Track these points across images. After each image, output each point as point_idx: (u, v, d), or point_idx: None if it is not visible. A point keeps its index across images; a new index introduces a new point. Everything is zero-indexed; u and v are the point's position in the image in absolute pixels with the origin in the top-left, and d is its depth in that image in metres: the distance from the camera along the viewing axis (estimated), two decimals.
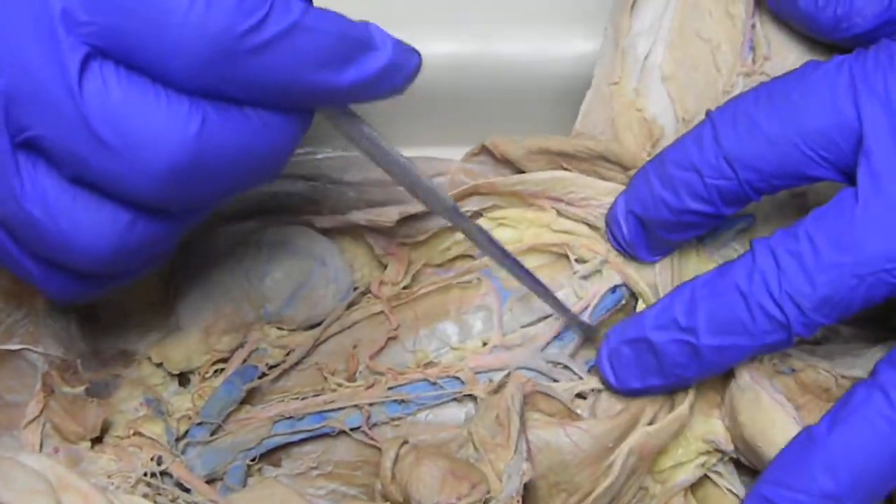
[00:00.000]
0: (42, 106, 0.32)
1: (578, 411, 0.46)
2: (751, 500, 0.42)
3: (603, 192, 0.47)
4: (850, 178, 0.41)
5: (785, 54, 0.47)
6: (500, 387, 0.46)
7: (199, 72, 0.32)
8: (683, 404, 0.44)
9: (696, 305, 0.42)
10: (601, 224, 0.47)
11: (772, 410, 0.43)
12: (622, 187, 0.46)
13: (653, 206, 0.44)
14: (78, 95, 0.32)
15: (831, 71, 0.41)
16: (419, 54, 0.37)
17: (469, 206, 0.47)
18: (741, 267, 0.41)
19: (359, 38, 0.35)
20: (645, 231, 0.45)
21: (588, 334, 0.47)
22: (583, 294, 0.47)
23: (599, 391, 0.46)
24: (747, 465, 0.45)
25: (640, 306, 0.47)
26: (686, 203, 0.43)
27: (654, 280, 0.46)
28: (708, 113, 0.43)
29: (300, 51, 0.33)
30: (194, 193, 0.34)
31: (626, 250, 0.46)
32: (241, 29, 0.31)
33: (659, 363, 0.44)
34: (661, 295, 0.46)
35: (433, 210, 0.41)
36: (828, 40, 0.46)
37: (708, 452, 0.45)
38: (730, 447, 0.45)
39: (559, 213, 0.47)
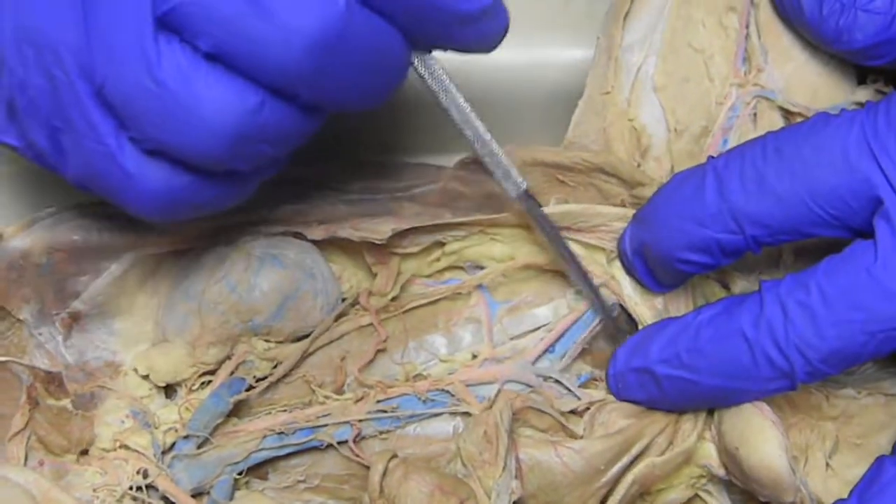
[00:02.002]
0: None
1: (572, 427, 0.45)
2: None
3: (613, 218, 0.46)
4: (858, 236, 0.40)
5: (784, 63, 0.46)
6: (493, 403, 0.45)
7: None
8: (691, 437, 0.44)
9: (700, 345, 0.42)
10: (606, 246, 0.46)
11: (749, 413, 0.43)
12: (630, 211, 0.45)
13: (652, 254, 0.44)
14: None
15: (842, 127, 0.40)
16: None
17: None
18: (748, 312, 0.41)
19: None
20: (649, 270, 0.45)
21: (608, 328, 0.46)
22: (575, 307, 0.47)
23: (596, 405, 0.46)
24: (738, 484, 0.45)
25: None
26: (685, 255, 0.42)
27: (665, 305, 0.46)
28: (710, 160, 0.42)
29: None
30: (331, 76, 0.36)
31: (643, 285, 0.46)
32: None
33: (662, 393, 0.43)
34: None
35: (488, 168, 0.43)
36: (829, 51, 0.46)
37: (700, 476, 0.45)
38: (721, 471, 0.44)
39: None
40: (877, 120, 0.40)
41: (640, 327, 0.46)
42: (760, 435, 0.42)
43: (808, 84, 0.46)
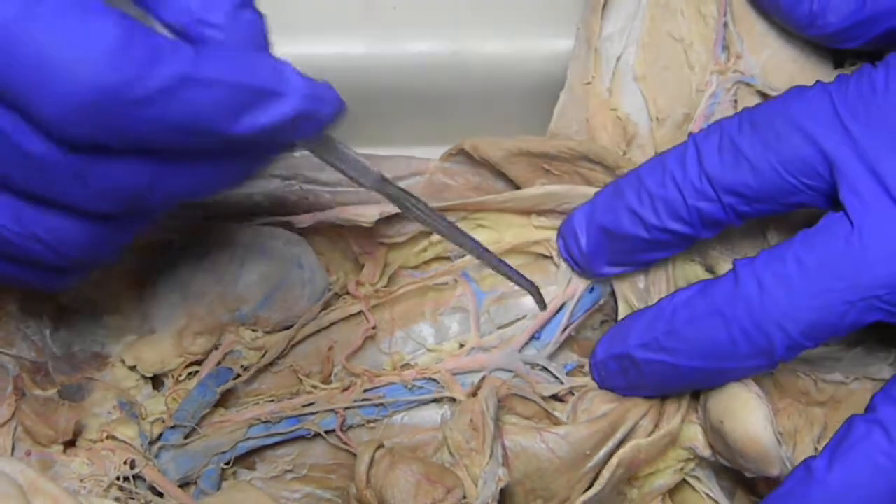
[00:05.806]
0: None
1: (557, 414, 0.45)
2: None
3: None
4: (835, 205, 0.40)
5: (759, 51, 0.47)
6: (477, 390, 0.45)
7: (76, 120, 0.30)
8: (676, 418, 0.44)
9: (676, 327, 0.42)
10: None
11: (734, 387, 0.43)
12: None
13: (628, 222, 0.43)
14: None
15: (814, 99, 0.40)
16: (340, 104, 0.35)
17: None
18: (722, 290, 0.41)
19: (258, 86, 0.32)
20: (609, 244, 0.44)
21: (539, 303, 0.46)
22: (561, 295, 0.47)
23: (579, 391, 0.46)
24: (725, 465, 0.44)
25: (622, 308, 0.46)
26: (665, 222, 0.42)
27: (646, 285, 0.46)
28: (691, 135, 0.43)
29: (188, 102, 0.31)
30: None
31: (579, 264, 0.46)
32: (120, 80, 0.30)
33: (643, 378, 0.43)
34: (653, 300, 0.45)
35: (422, 222, 0.41)
36: (803, 36, 0.46)
37: (687, 459, 0.45)
38: (707, 452, 0.44)
39: (538, 214, 0.47)
40: (847, 91, 0.40)
41: (620, 309, 0.46)
42: (745, 407, 0.41)
43: (785, 71, 0.47)
